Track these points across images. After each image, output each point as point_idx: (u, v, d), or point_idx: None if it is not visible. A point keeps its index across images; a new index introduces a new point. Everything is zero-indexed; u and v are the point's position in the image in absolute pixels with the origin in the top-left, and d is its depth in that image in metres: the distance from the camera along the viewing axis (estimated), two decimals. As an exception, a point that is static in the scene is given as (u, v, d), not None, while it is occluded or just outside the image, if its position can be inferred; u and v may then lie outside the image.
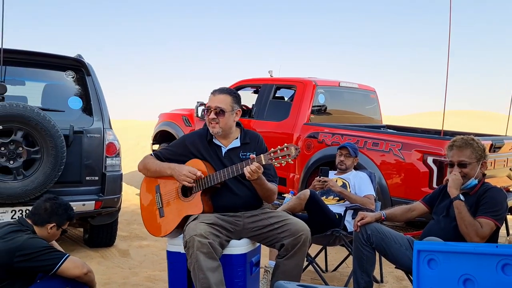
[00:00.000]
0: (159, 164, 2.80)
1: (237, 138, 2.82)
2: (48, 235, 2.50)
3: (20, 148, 3.64)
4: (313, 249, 3.64)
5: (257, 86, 6.63)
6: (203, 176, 2.66)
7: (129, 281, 3.66)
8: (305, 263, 3.27)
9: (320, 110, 6.00)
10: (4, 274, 2.29)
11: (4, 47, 3.66)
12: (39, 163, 3.69)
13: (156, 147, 7.98)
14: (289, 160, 2.55)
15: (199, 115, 6.80)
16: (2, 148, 3.58)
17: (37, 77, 4.50)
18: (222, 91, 2.80)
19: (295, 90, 6.01)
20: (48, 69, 4.34)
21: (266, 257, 3.54)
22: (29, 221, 2.48)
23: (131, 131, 19.04)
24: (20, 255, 2.28)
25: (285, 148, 2.54)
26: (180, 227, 2.69)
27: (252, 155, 2.58)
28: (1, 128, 3.55)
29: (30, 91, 4.53)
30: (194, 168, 2.66)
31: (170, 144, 3.03)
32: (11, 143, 3.61)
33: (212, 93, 2.79)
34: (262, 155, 2.57)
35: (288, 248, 2.64)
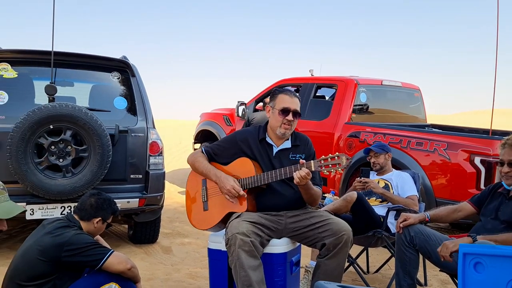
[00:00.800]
0: (207, 167, 2.80)
1: (288, 139, 2.83)
2: (94, 229, 2.58)
3: (69, 147, 3.79)
4: (355, 250, 3.59)
5: (298, 85, 6.60)
6: (245, 196, 2.66)
7: (172, 277, 3.73)
8: (346, 264, 3.23)
9: (362, 109, 5.91)
10: (53, 268, 2.39)
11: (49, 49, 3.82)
12: (86, 161, 3.83)
13: (197, 146, 8.10)
14: (339, 169, 2.53)
15: (240, 114, 6.85)
16: (52, 147, 3.74)
17: (85, 78, 4.67)
18: (295, 94, 2.81)
19: (336, 89, 5.95)
20: (95, 70, 4.50)
21: (308, 257, 3.52)
22: (76, 216, 2.57)
23: (173, 130, 19.40)
24: (68, 249, 2.36)
25: (336, 157, 2.51)
26: (222, 223, 2.72)
27: (302, 161, 2.58)
28: (52, 127, 3.70)
29: (78, 92, 4.71)
30: (239, 187, 2.65)
31: (220, 140, 3.05)
32: (61, 142, 3.76)
33: (285, 93, 2.77)
34: (312, 162, 2.56)
35: (330, 248, 2.62)
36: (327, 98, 6.44)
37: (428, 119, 6.90)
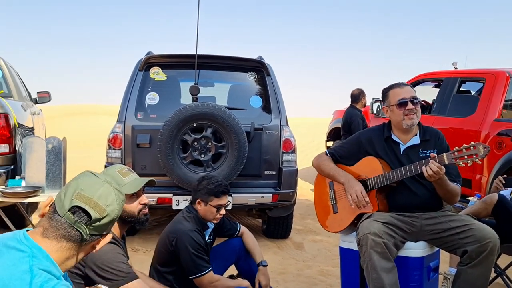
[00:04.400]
0: (334, 169, 2.76)
1: (416, 135, 2.67)
2: (202, 211, 2.64)
3: (210, 143, 4.06)
4: (503, 260, 3.24)
5: (439, 80, 6.17)
6: (371, 206, 2.57)
7: (303, 273, 3.78)
8: (493, 275, 2.93)
9: (515, 105, 5.29)
10: (172, 256, 2.58)
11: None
12: (224, 157, 4.06)
13: (330, 144, 8.05)
14: (477, 160, 2.32)
15: (375, 111, 6.64)
16: (195, 143, 4.04)
17: (224, 79, 4.96)
18: (405, 83, 2.70)
19: (484, 83, 5.42)
20: (234, 71, 4.76)
21: (446, 263, 3.28)
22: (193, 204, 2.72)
23: (306, 128, 19.57)
24: (175, 244, 2.52)
25: (471, 147, 2.31)
26: (353, 225, 2.67)
27: (433, 154, 2.42)
28: (195, 125, 4.01)
29: (218, 92, 5.02)
30: (366, 194, 2.56)
31: (344, 142, 3.01)
32: (202, 139, 4.05)
33: (394, 87, 2.66)
34: (444, 154, 2.39)
35: (472, 256, 2.40)
36: (472, 93, 5.91)
37: None
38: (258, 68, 4.61)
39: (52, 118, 15.48)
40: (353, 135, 2.93)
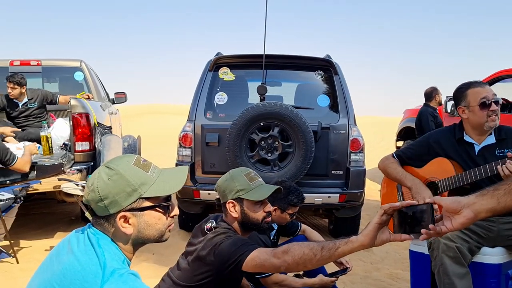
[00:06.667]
0: (401, 173, 2.69)
1: (491, 134, 2.53)
2: (273, 217, 2.62)
3: (276, 142, 4.09)
4: None
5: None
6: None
7: (371, 275, 3.70)
8: None
9: None
10: None
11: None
12: (291, 156, 4.07)
13: (400, 143, 7.80)
14: None
15: (449, 110, 6.34)
16: (262, 142, 4.09)
17: (291, 78, 4.98)
18: (483, 82, 2.58)
19: None
20: (301, 70, 4.76)
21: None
22: None
23: (375, 127, 19.09)
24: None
25: None
26: None
27: (510, 153, 2.28)
28: (262, 124, 4.06)
29: (285, 91, 5.04)
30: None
31: (412, 143, 2.89)
32: (269, 138, 4.09)
33: (474, 86, 2.53)
34: None
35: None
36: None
37: None
38: (326, 67, 4.57)
39: (127, 117, 16.27)
40: (422, 137, 2.83)
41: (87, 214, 1.30)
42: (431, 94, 6.18)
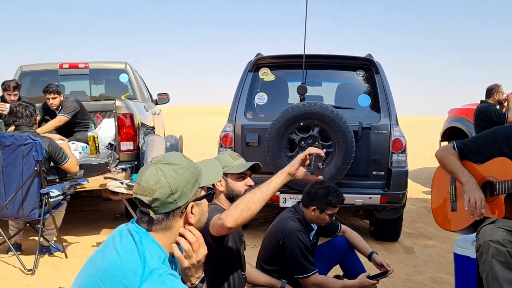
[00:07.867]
0: (458, 167, 2.54)
1: None
2: (312, 217, 2.65)
3: (316, 143, 4.07)
4: None
5: None
6: (496, 212, 2.34)
7: (413, 278, 3.63)
8: None
9: None
10: (277, 256, 2.60)
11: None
12: (331, 157, 4.04)
13: (444, 144, 7.58)
14: None
15: (498, 109, 6.09)
16: (302, 142, 4.09)
17: (331, 78, 4.94)
18: None
19: None
20: (341, 70, 4.71)
21: None
22: (301, 205, 2.71)
23: (418, 127, 18.63)
24: (283, 243, 2.54)
25: None
26: (472, 227, 2.48)
27: None
28: (302, 124, 4.05)
29: (325, 91, 5.01)
30: (484, 205, 2.35)
31: (477, 136, 2.73)
32: (309, 138, 4.08)
33: None
34: None
35: None
36: None
37: None
38: (367, 66, 4.51)
39: (169, 118, 16.61)
40: (488, 130, 2.60)
41: (152, 214, 1.32)
42: (490, 91, 5.88)
